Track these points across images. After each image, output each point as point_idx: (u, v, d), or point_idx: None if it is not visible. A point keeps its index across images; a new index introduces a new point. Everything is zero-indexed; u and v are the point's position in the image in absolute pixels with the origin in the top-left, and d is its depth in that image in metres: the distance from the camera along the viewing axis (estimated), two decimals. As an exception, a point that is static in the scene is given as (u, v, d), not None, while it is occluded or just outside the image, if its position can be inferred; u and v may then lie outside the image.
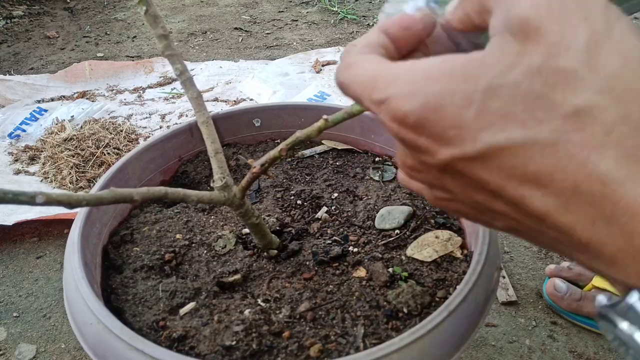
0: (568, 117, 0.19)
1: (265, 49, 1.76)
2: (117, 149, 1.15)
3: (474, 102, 0.20)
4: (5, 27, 1.98)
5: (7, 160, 1.17)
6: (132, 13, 2.12)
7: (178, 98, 1.43)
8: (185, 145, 0.62)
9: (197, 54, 1.75)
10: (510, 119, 0.20)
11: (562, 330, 0.77)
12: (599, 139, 0.19)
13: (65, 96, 1.46)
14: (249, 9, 2.11)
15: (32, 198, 0.29)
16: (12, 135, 1.25)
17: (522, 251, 0.91)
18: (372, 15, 1.98)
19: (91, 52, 1.80)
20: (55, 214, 0.96)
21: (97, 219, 0.50)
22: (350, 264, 0.48)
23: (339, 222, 0.53)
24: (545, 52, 0.19)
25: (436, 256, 0.48)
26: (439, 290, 0.45)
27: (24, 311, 0.85)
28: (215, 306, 0.44)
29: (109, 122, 1.26)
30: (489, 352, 0.75)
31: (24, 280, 0.91)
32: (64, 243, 0.64)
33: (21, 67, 1.70)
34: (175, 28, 1.96)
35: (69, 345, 0.79)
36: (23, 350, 0.79)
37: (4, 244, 0.98)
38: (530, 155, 0.20)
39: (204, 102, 0.44)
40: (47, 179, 1.09)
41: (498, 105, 0.20)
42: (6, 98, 1.42)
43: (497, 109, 0.20)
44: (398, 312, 0.42)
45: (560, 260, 0.88)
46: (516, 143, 0.20)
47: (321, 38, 1.81)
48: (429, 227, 0.52)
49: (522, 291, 0.83)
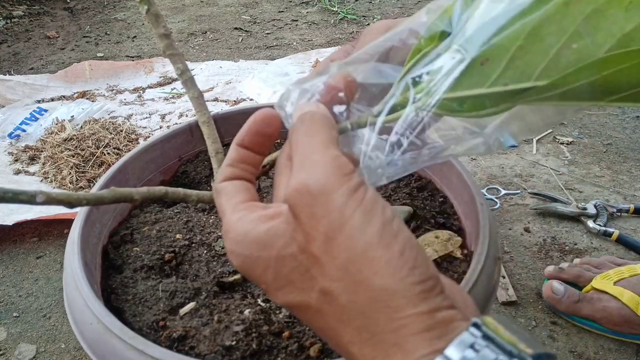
0: (321, 294, 0.23)
1: (265, 49, 1.76)
2: (117, 149, 1.15)
3: (270, 267, 0.25)
4: (5, 27, 1.98)
5: (7, 160, 1.17)
6: (132, 13, 2.12)
7: (178, 98, 1.43)
8: (185, 145, 0.62)
9: (197, 54, 1.75)
10: (292, 284, 0.24)
11: (562, 330, 0.77)
12: (339, 316, 0.23)
13: (65, 96, 1.46)
14: (249, 9, 2.11)
15: (33, 197, 0.29)
16: (12, 135, 1.25)
17: (522, 251, 0.91)
18: (372, 15, 1.98)
19: (91, 52, 1.80)
20: (55, 213, 0.95)
21: (97, 219, 0.50)
22: (351, 264, 0.48)
23: (339, 222, 0.53)
24: (304, 236, 0.23)
25: (436, 256, 0.48)
26: (439, 290, 0.45)
27: (24, 311, 0.85)
28: (215, 306, 0.44)
29: (109, 122, 1.26)
30: (489, 352, 0.75)
31: (24, 280, 0.91)
32: (64, 243, 0.64)
33: (21, 67, 1.70)
34: (175, 28, 1.96)
35: (69, 345, 0.79)
36: (23, 350, 0.79)
37: (4, 244, 0.98)
38: (311, 315, 0.24)
39: (205, 101, 0.44)
40: (47, 179, 1.09)
41: (285, 272, 0.24)
42: (6, 98, 1.42)
43: (285, 275, 0.24)
44: (398, 312, 0.42)
45: (560, 261, 0.88)
46: (300, 304, 0.24)
47: (321, 38, 1.81)
48: (429, 227, 0.52)
49: (522, 291, 0.83)
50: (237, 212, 0.27)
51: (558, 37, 0.25)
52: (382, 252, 0.22)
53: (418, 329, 0.21)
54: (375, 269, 0.22)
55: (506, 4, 0.27)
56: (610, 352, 0.74)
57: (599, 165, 1.12)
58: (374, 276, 0.22)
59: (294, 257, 0.24)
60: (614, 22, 0.24)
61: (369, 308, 0.22)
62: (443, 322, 0.22)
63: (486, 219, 0.45)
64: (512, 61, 0.26)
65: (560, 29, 0.25)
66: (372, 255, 0.22)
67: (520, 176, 1.09)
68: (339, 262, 0.22)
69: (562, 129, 1.26)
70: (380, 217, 0.23)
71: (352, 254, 0.22)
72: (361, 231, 0.22)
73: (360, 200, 0.23)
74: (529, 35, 0.26)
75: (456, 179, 0.53)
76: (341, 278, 0.22)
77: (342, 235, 0.22)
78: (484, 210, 0.46)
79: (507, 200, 1.02)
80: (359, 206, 0.23)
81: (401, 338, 0.21)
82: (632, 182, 1.06)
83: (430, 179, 0.58)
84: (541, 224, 0.96)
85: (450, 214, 0.53)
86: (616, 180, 1.07)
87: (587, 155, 1.16)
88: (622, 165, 1.12)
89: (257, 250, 0.25)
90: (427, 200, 0.55)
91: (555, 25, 0.25)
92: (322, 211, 0.23)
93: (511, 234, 0.95)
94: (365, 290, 0.22)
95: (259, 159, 0.30)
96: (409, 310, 0.21)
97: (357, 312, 0.22)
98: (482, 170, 1.11)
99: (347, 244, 0.22)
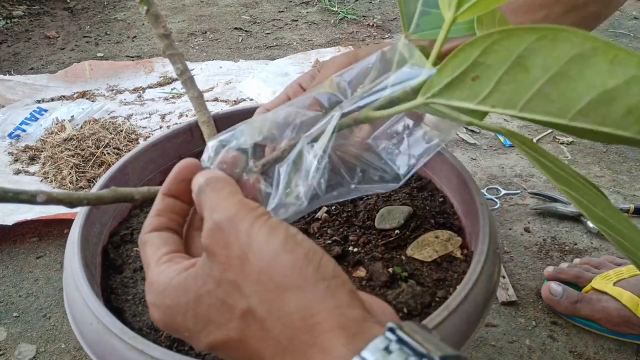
0: (241, 318, 0.24)
1: (265, 49, 1.76)
2: (117, 149, 1.15)
3: (189, 311, 0.26)
4: (5, 27, 1.98)
5: (7, 160, 1.17)
6: (132, 13, 2.12)
7: (178, 98, 1.43)
8: (185, 145, 0.62)
9: (197, 54, 1.75)
10: (211, 322, 0.25)
11: (562, 330, 0.77)
12: (260, 334, 0.24)
13: (65, 96, 1.46)
14: (249, 9, 2.11)
15: (33, 197, 0.29)
16: (12, 135, 1.25)
17: (522, 251, 0.91)
18: (372, 15, 1.98)
19: (91, 52, 1.80)
20: (55, 213, 0.95)
21: (97, 219, 0.50)
22: (350, 264, 0.48)
23: (338, 222, 0.53)
24: (221, 268, 0.25)
25: (436, 256, 0.48)
26: (439, 290, 0.45)
27: (24, 311, 0.85)
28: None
29: (109, 122, 1.26)
30: (489, 352, 0.75)
31: (24, 280, 0.91)
32: (64, 243, 0.64)
33: (21, 67, 1.70)
34: (175, 28, 1.96)
35: (69, 345, 0.79)
36: (23, 350, 0.79)
37: (4, 244, 0.98)
38: (233, 348, 0.25)
39: (205, 101, 0.44)
40: (47, 179, 1.09)
41: (203, 311, 0.25)
42: (6, 98, 1.42)
43: (203, 315, 0.25)
44: (398, 312, 0.42)
45: (560, 261, 0.88)
46: (221, 341, 0.25)
47: (321, 38, 1.81)
48: (429, 227, 0.52)
49: (522, 291, 0.83)
50: (161, 265, 0.28)
51: (543, 72, 0.25)
52: (287, 257, 0.24)
53: (331, 326, 0.22)
54: (283, 272, 0.24)
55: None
56: (610, 352, 0.74)
57: (599, 165, 1.12)
58: (283, 279, 0.23)
59: (210, 293, 0.25)
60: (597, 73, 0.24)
61: (283, 312, 0.23)
62: (355, 321, 0.23)
63: (486, 219, 0.45)
64: (499, 84, 0.27)
65: (546, 65, 0.25)
66: (279, 261, 0.24)
67: (520, 176, 1.09)
68: (252, 277, 0.24)
69: (562, 129, 1.26)
70: (284, 231, 0.25)
71: (262, 265, 0.24)
72: (267, 243, 0.24)
73: (264, 221, 0.25)
74: (515, 62, 0.26)
75: (456, 179, 0.53)
76: (257, 291, 0.24)
77: (251, 252, 0.24)
78: (484, 210, 0.46)
79: (507, 200, 1.03)
80: (263, 225, 0.25)
81: (317, 337, 0.22)
82: (632, 182, 1.06)
83: (430, 179, 0.58)
84: (541, 224, 0.96)
85: (450, 214, 0.53)
86: (616, 180, 1.07)
87: (587, 155, 1.16)
88: (622, 165, 1.12)
89: (176, 297, 0.26)
90: (427, 200, 0.56)
91: (541, 59, 0.25)
92: (233, 238, 0.25)
93: (511, 234, 0.95)
94: (278, 296, 0.23)
95: (185, 208, 0.31)
96: (318, 306, 0.23)
97: (275, 320, 0.23)
98: (482, 170, 1.11)
99: (257, 258, 0.24)
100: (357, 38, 1.80)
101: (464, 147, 1.19)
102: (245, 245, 0.25)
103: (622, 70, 0.23)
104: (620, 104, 0.23)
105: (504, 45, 0.26)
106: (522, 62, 0.26)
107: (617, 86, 0.23)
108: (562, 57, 0.24)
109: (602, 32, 1.76)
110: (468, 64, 0.28)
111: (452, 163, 0.53)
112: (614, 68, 0.23)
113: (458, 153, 1.17)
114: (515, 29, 0.26)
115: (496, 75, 0.27)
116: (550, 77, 0.25)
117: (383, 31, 1.85)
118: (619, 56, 0.23)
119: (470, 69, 0.28)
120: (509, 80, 0.27)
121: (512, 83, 0.26)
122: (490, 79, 0.27)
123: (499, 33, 0.26)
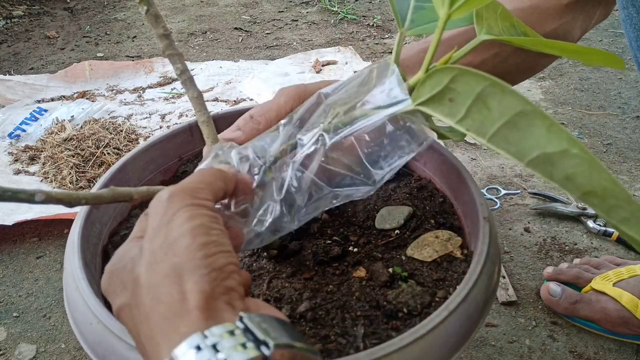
0: (133, 282, 0.27)
1: (265, 49, 1.76)
2: (117, 149, 1.15)
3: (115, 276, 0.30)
4: (5, 27, 1.98)
5: (7, 160, 1.17)
6: (132, 13, 2.12)
7: (178, 98, 1.43)
8: (185, 145, 0.62)
9: (197, 54, 1.75)
10: (115, 290, 0.29)
11: (562, 330, 0.77)
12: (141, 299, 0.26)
13: (65, 96, 1.46)
14: (249, 9, 2.11)
15: (32, 196, 0.29)
16: (12, 135, 1.25)
17: (522, 251, 0.91)
18: (372, 15, 1.98)
19: (91, 52, 1.80)
20: (55, 213, 0.96)
21: (97, 219, 0.50)
22: (350, 264, 0.48)
23: (338, 222, 0.53)
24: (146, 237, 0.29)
25: (436, 256, 0.48)
26: (439, 290, 0.45)
27: (24, 311, 0.85)
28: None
29: (109, 122, 1.26)
30: (489, 352, 0.75)
31: (24, 280, 0.91)
32: (64, 243, 0.64)
33: (21, 67, 1.70)
34: (175, 28, 1.96)
35: (69, 345, 0.79)
36: (23, 350, 0.79)
37: (4, 244, 0.98)
38: (131, 312, 0.28)
39: (205, 101, 0.44)
40: (47, 179, 1.09)
41: (115, 280, 0.29)
42: (6, 98, 1.42)
43: (114, 283, 0.29)
44: (398, 312, 0.42)
45: (560, 261, 0.88)
46: (123, 304, 0.28)
47: (321, 38, 1.81)
48: (429, 227, 0.52)
49: (522, 291, 0.83)
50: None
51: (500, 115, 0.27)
52: (188, 240, 0.27)
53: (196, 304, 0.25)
54: (177, 251, 0.27)
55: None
56: (610, 352, 0.74)
57: (599, 166, 1.12)
58: (173, 257, 0.27)
59: (132, 259, 0.29)
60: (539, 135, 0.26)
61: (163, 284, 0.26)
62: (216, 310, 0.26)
63: (486, 218, 0.45)
64: (470, 112, 0.29)
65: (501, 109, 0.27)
66: (179, 242, 0.27)
67: (520, 176, 1.09)
68: (154, 246, 0.27)
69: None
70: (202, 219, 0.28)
71: (166, 242, 0.27)
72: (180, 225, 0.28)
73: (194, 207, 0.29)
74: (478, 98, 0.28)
75: (456, 179, 0.53)
76: (149, 262, 0.27)
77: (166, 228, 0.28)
78: (484, 210, 0.46)
79: (507, 200, 1.02)
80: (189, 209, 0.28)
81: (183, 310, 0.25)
82: (632, 182, 1.06)
83: (430, 179, 0.58)
84: (541, 224, 0.96)
85: (450, 213, 0.53)
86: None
87: (587, 155, 1.16)
88: (622, 165, 1.12)
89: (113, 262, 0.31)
90: (427, 200, 0.55)
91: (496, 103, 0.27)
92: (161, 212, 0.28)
93: (511, 234, 0.95)
94: (162, 269, 0.26)
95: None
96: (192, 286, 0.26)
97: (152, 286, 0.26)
98: (482, 170, 1.11)
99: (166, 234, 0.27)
100: (357, 38, 1.80)
101: (464, 147, 1.19)
102: (165, 221, 0.28)
103: (556, 141, 0.25)
104: (560, 169, 0.25)
105: (466, 81, 0.29)
106: (484, 100, 0.28)
107: (555, 153, 0.25)
108: (511, 108, 0.27)
109: (602, 32, 1.76)
110: (442, 86, 0.30)
111: (452, 163, 0.53)
112: (550, 136, 0.25)
113: (458, 153, 1.17)
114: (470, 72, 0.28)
115: (466, 104, 0.29)
116: (506, 122, 0.27)
117: (383, 31, 1.85)
118: (553, 127, 0.25)
119: (445, 91, 0.30)
120: (476, 111, 0.29)
121: (479, 115, 0.28)
122: (463, 104, 0.29)
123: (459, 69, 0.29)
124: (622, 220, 0.25)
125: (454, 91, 0.30)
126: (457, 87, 0.29)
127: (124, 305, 0.28)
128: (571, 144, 0.25)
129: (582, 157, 0.25)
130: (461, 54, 0.37)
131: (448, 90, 0.30)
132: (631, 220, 0.24)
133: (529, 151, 0.26)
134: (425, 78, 0.31)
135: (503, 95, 0.27)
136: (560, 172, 0.26)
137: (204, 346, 0.23)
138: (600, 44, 1.69)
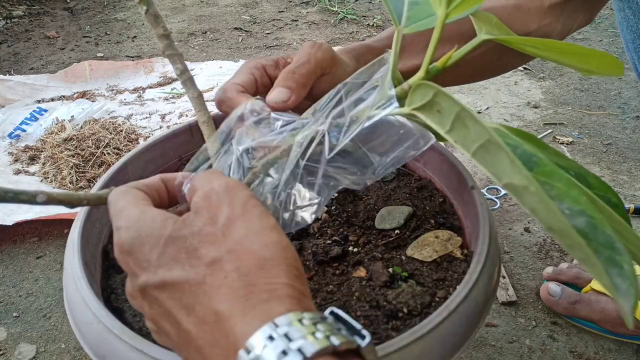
0: (208, 265, 0.27)
1: (265, 49, 1.76)
2: (117, 149, 1.15)
3: (159, 246, 0.28)
4: (5, 27, 1.98)
5: (7, 160, 1.17)
6: (132, 13, 2.12)
7: (178, 98, 1.43)
8: (185, 145, 0.62)
9: (197, 54, 1.75)
10: (177, 262, 0.28)
11: (562, 330, 0.77)
12: (220, 281, 0.27)
13: (65, 96, 1.46)
14: (249, 9, 2.11)
15: (33, 197, 0.29)
16: (12, 135, 1.25)
17: (522, 251, 0.91)
18: (372, 15, 1.98)
19: (91, 52, 1.80)
20: (56, 213, 0.96)
21: (97, 219, 0.50)
22: (350, 264, 0.48)
23: (339, 222, 0.53)
24: (202, 222, 0.29)
25: (436, 256, 0.48)
26: (439, 290, 0.45)
27: (24, 311, 0.85)
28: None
29: (109, 122, 1.26)
30: (489, 352, 0.75)
31: (24, 280, 0.91)
32: (64, 243, 0.64)
33: (21, 67, 1.70)
34: (175, 28, 1.96)
35: (69, 345, 0.79)
36: (23, 350, 0.79)
37: (4, 244, 0.98)
38: (185, 289, 0.27)
39: (205, 101, 0.44)
40: (47, 179, 1.09)
41: (172, 251, 0.28)
42: (6, 98, 1.42)
43: (171, 254, 0.28)
44: (398, 312, 0.42)
45: (560, 261, 0.88)
46: (177, 280, 0.27)
47: (321, 38, 1.81)
48: (429, 227, 0.52)
49: (522, 291, 0.83)
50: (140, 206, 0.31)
51: (476, 138, 0.28)
52: (275, 236, 0.28)
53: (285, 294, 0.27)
54: (264, 242, 0.28)
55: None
56: (610, 352, 0.74)
57: (599, 165, 1.12)
58: (263, 248, 0.28)
59: (184, 238, 0.28)
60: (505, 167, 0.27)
61: (252, 271, 0.27)
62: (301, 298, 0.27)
63: (486, 218, 0.45)
64: (454, 127, 0.30)
65: (475, 133, 0.28)
66: (267, 236, 0.28)
67: (520, 176, 1.09)
68: (235, 238, 0.28)
69: (562, 129, 1.26)
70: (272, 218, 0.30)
71: (249, 232, 0.28)
72: (259, 219, 0.29)
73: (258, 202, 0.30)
74: (457, 117, 0.29)
75: (456, 179, 0.53)
76: (233, 249, 0.27)
77: (242, 219, 0.29)
78: (484, 210, 0.46)
79: (507, 200, 1.03)
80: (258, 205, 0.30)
81: (272, 297, 0.26)
82: (632, 182, 1.06)
83: (430, 179, 0.58)
84: (541, 224, 0.96)
85: (450, 213, 0.53)
86: (616, 180, 1.07)
87: (587, 155, 1.16)
88: (622, 165, 1.12)
89: (152, 228, 0.29)
90: (427, 200, 0.55)
91: (471, 126, 0.28)
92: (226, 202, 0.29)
93: (511, 234, 0.95)
94: (253, 259, 0.27)
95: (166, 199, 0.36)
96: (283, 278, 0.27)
97: (241, 274, 0.27)
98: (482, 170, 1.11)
99: (246, 226, 0.28)
100: (357, 38, 1.80)
101: (464, 147, 1.19)
102: (239, 211, 0.29)
103: (519, 175, 0.26)
104: (526, 200, 0.26)
105: (445, 100, 0.30)
106: (462, 120, 0.29)
107: (519, 186, 0.26)
108: (481, 135, 0.28)
109: (602, 32, 1.76)
110: (428, 99, 0.31)
111: (453, 163, 0.53)
112: (514, 170, 0.26)
113: (458, 153, 1.17)
114: (445, 94, 0.29)
115: (450, 118, 0.30)
116: (481, 146, 0.28)
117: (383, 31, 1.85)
118: (514, 162, 0.26)
119: (432, 103, 0.31)
120: (459, 128, 0.29)
121: (461, 131, 0.29)
122: (448, 117, 0.30)
123: (437, 90, 0.30)
124: (580, 260, 0.26)
125: (439, 105, 0.31)
126: (441, 103, 0.30)
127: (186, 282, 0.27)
128: (530, 182, 0.25)
129: (540, 196, 0.25)
130: (461, 54, 0.37)
131: (434, 103, 0.31)
132: (587, 262, 0.25)
133: (502, 176, 0.27)
134: (415, 88, 0.32)
135: (474, 122, 0.28)
136: (526, 203, 0.27)
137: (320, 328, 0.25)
138: (600, 44, 1.69)
